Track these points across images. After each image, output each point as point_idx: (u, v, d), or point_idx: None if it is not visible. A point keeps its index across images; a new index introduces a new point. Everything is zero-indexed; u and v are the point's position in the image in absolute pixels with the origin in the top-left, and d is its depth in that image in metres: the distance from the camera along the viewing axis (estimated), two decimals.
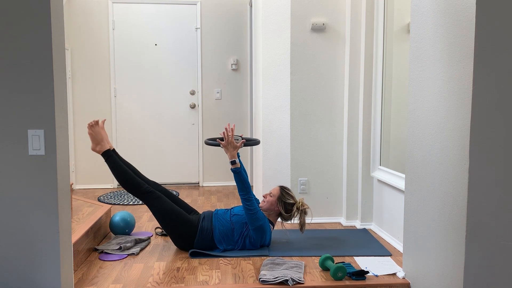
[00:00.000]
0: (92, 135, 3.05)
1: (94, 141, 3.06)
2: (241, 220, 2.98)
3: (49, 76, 1.94)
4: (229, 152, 2.96)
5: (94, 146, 3.06)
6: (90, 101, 5.26)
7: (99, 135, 3.06)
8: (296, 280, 2.45)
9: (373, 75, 3.55)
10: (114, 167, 3.02)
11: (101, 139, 3.06)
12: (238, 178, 2.92)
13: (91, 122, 3.06)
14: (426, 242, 2.28)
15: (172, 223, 2.96)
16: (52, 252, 2.00)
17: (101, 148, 3.06)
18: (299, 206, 3.04)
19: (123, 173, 3.01)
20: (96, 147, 3.06)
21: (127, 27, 5.27)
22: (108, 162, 3.03)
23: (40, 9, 1.91)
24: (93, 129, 3.05)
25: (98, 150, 3.06)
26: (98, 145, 3.06)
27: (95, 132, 3.05)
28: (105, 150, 3.05)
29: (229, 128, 2.96)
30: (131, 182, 3.00)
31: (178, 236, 2.99)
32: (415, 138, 2.38)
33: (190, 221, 2.98)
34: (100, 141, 3.06)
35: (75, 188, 5.25)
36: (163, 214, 2.97)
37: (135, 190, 3.00)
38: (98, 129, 3.06)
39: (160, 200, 2.99)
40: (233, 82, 5.43)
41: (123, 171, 3.01)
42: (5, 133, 1.95)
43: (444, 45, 2.08)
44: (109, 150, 3.06)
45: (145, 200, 3.01)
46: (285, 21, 3.67)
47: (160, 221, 3.00)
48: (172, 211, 2.97)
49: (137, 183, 3.01)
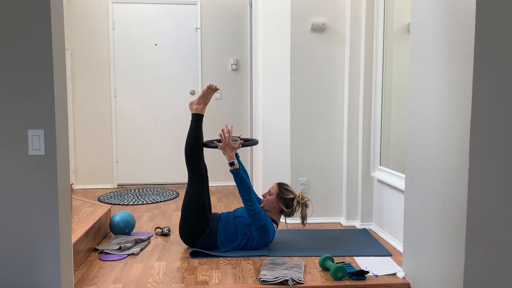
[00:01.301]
0: (204, 94, 3.14)
1: (201, 99, 3.14)
2: (244, 221, 2.98)
3: (49, 76, 1.94)
4: (227, 153, 2.96)
5: (197, 102, 3.13)
6: (90, 101, 5.27)
7: (208, 99, 3.17)
8: (296, 280, 2.45)
9: (373, 75, 3.55)
10: (194, 131, 3.07)
11: (206, 102, 3.17)
12: (237, 179, 2.92)
13: (214, 85, 3.14)
14: (426, 242, 2.28)
15: (193, 213, 2.96)
16: (52, 252, 2.00)
17: (200, 109, 3.13)
18: (299, 199, 3.04)
19: (196, 141, 3.06)
20: (197, 104, 3.13)
21: (127, 27, 5.27)
22: (193, 123, 3.09)
23: (40, 9, 1.91)
24: (210, 91, 3.14)
25: (195, 108, 3.13)
26: (200, 104, 3.13)
27: (209, 94, 3.15)
28: (200, 113, 3.11)
29: (226, 129, 2.96)
30: (195, 154, 3.05)
31: (189, 228, 2.97)
32: (415, 138, 2.38)
33: (206, 220, 2.98)
34: (204, 103, 3.15)
35: (75, 188, 5.25)
36: (194, 199, 2.98)
37: (194, 162, 3.04)
38: (211, 95, 3.17)
39: (201, 187, 3.02)
40: (233, 82, 5.43)
41: (197, 139, 3.07)
42: (5, 133, 1.95)
43: (444, 45, 2.08)
44: (202, 116, 3.13)
45: (193, 176, 3.03)
46: (285, 21, 3.67)
47: (186, 203, 3.00)
48: (201, 204, 2.98)
49: (198, 158, 3.06)
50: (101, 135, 5.30)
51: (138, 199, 4.62)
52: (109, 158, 5.33)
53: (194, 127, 3.08)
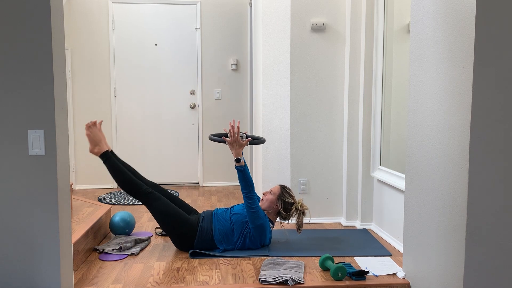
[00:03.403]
0: (90, 136, 3.04)
1: (92, 143, 3.05)
2: (241, 219, 2.98)
3: (49, 76, 1.94)
4: (235, 149, 2.91)
5: (92, 147, 3.05)
6: (90, 101, 5.26)
7: (97, 136, 3.05)
8: (296, 280, 2.45)
9: (373, 75, 3.55)
10: (112, 169, 3.00)
11: (99, 140, 3.05)
12: (242, 176, 2.90)
13: (88, 123, 3.05)
14: (426, 242, 2.28)
15: (172, 224, 2.96)
16: (52, 252, 2.00)
17: (99, 149, 3.04)
18: (298, 206, 3.04)
19: (122, 175, 3.00)
20: (94, 148, 3.05)
21: (127, 27, 5.27)
22: (106, 163, 3.02)
23: (40, 9, 1.91)
24: (91, 130, 3.04)
25: (96, 152, 3.04)
26: (96, 146, 3.04)
27: (93, 133, 3.04)
28: (103, 151, 3.04)
29: (235, 125, 2.91)
30: (130, 184, 2.99)
31: (178, 236, 2.98)
32: (415, 138, 2.38)
33: (190, 221, 2.98)
34: (98, 143, 3.04)
35: (75, 188, 5.25)
36: (162, 215, 2.96)
37: (134, 191, 2.99)
38: (96, 131, 3.05)
39: (159, 201, 2.99)
40: (233, 82, 5.43)
41: (122, 172, 3.00)
42: (5, 133, 1.95)
43: (444, 45, 2.08)
44: (107, 152, 3.05)
45: (144, 201, 3.00)
46: (285, 21, 3.67)
47: (160, 222, 2.99)
48: (172, 212, 2.96)
49: (136, 184, 3.00)
50: None
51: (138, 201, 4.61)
52: None
53: (110, 165, 3.01)
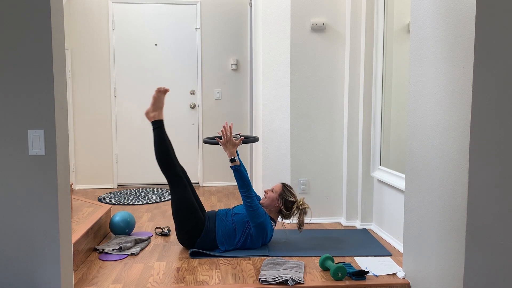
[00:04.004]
0: (155, 99, 3.07)
1: (154, 106, 3.07)
2: (243, 218, 2.99)
3: (49, 76, 1.94)
4: (228, 150, 2.97)
5: (151, 110, 3.07)
6: (90, 101, 5.26)
7: (161, 102, 3.09)
8: (296, 280, 2.45)
9: (373, 75, 3.55)
10: (159, 138, 3.03)
11: (161, 106, 3.09)
12: (238, 175, 2.92)
13: (160, 87, 3.08)
14: (426, 242, 2.28)
15: (184, 215, 2.96)
16: (52, 252, 2.00)
17: (157, 115, 3.07)
18: (299, 204, 3.05)
19: (164, 147, 3.02)
20: (152, 112, 3.07)
21: (127, 27, 5.27)
22: (155, 131, 3.04)
23: (40, 9, 1.91)
24: (159, 94, 3.08)
25: (152, 116, 3.07)
26: (155, 111, 3.07)
27: (159, 97, 3.08)
28: (158, 119, 3.06)
29: (227, 126, 2.97)
30: (167, 159, 3.01)
31: (183, 229, 2.98)
32: (415, 138, 2.38)
33: (200, 220, 2.98)
34: (159, 108, 3.08)
35: (75, 188, 5.25)
36: (180, 202, 2.97)
37: (167, 168, 3.01)
38: (163, 97, 3.09)
39: (184, 189, 3.00)
40: (233, 82, 5.43)
41: (165, 145, 3.02)
42: (5, 133, 1.95)
43: (444, 45, 2.08)
44: (162, 121, 3.07)
45: (172, 182, 3.01)
46: (285, 21, 3.67)
47: (174, 208, 2.99)
48: (190, 204, 2.97)
49: (172, 162, 3.02)
50: (101, 135, 5.30)
51: (138, 199, 4.62)
52: (109, 158, 5.33)
53: (158, 134, 3.03)
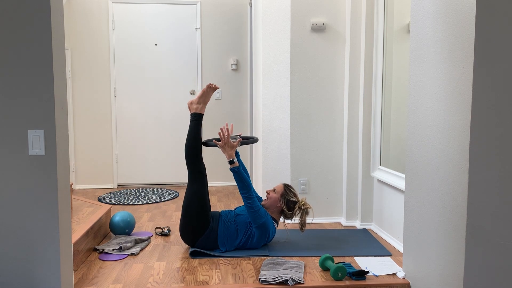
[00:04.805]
0: (204, 93, 3.17)
1: (201, 99, 3.16)
2: (245, 219, 2.99)
3: (49, 76, 1.94)
4: (227, 152, 2.97)
5: (196, 102, 3.16)
6: (90, 101, 5.26)
7: (208, 97, 3.20)
8: (296, 280, 2.45)
9: (373, 75, 3.55)
10: (194, 131, 3.09)
11: (206, 101, 3.19)
12: (237, 177, 2.93)
13: (213, 84, 3.17)
14: (426, 242, 2.28)
15: (195, 211, 2.97)
16: (52, 252, 2.00)
17: (199, 108, 3.15)
18: (301, 205, 3.04)
19: (197, 142, 3.08)
20: (197, 104, 3.15)
21: (127, 27, 5.27)
22: (193, 123, 3.11)
23: (40, 9, 1.91)
24: (209, 90, 3.18)
25: (195, 108, 3.15)
26: (200, 104, 3.16)
27: (208, 93, 3.18)
28: (200, 112, 3.14)
29: (225, 128, 2.98)
30: (196, 153, 3.06)
31: (190, 226, 2.98)
32: (415, 138, 2.38)
33: (207, 219, 2.98)
34: (204, 102, 3.18)
35: (75, 188, 5.25)
36: (195, 198, 2.99)
37: (193, 161, 3.06)
38: (211, 93, 3.20)
39: (202, 186, 3.03)
40: (233, 82, 5.43)
41: (198, 140, 3.09)
42: (5, 133, 1.95)
43: (444, 45, 2.08)
44: (202, 116, 3.15)
45: (193, 175, 3.05)
46: (285, 21, 3.67)
47: (187, 202, 3.01)
48: (202, 202, 2.99)
49: (199, 157, 3.08)
50: (101, 135, 5.30)
51: (138, 199, 4.63)
52: (109, 158, 5.33)
53: (194, 126, 3.09)
